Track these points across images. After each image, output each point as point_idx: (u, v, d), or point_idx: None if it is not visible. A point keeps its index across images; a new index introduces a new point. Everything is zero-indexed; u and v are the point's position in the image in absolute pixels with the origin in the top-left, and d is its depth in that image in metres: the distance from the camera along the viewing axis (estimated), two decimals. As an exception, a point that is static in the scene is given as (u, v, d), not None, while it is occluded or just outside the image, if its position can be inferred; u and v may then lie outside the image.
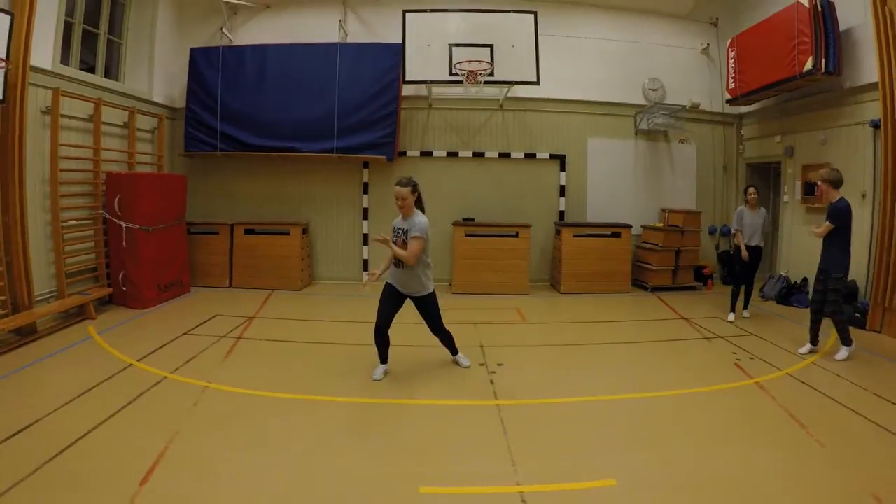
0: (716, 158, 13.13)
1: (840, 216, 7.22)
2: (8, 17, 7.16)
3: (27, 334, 7.91)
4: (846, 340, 7.34)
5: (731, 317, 9.55)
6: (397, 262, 6.29)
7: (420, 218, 6.21)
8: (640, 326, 9.30)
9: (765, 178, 12.69)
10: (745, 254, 9.38)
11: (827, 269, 7.37)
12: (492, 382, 6.46)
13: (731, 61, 11.93)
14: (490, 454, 4.75)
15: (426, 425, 5.36)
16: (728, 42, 12.06)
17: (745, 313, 9.66)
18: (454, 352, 7.05)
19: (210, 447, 4.80)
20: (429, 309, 6.55)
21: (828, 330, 8.07)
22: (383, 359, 6.59)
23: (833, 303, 7.30)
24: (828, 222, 7.28)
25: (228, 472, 4.41)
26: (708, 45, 12.92)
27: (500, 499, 4.08)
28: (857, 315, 8.90)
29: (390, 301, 6.42)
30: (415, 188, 6.27)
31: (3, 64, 6.93)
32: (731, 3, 12.74)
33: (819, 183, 8.37)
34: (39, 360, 6.97)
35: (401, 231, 6.29)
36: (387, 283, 6.47)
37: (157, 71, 11.76)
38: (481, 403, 5.87)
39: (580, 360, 7.52)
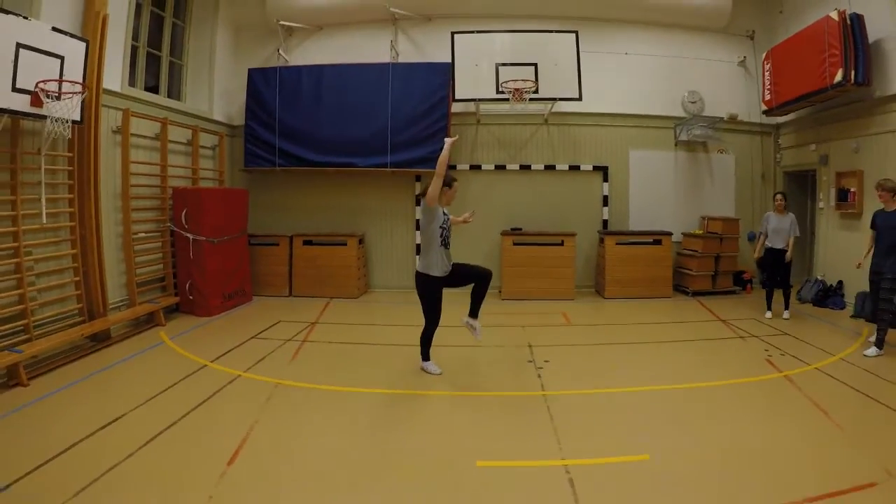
0: (754, 167, 13.22)
1: None
2: (83, 44, 7.61)
3: (102, 340, 8.29)
4: (881, 343, 7.61)
5: (769, 314, 9.95)
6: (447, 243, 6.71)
7: None
8: (679, 328, 9.52)
9: (801, 186, 12.76)
10: (756, 255, 10.14)
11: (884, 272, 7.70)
12: (539, 377, 6.83)
13: (767, 73, 12.07)
14: (538, 435, 5.19)
15: (481, 413, 5.77)
16: (764, 55, 12.18)
17: (786, 314, 9.89)
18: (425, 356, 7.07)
19: (287, 433, 5.24)
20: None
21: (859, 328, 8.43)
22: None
23: (886, 301, 7.60)
24: None
25: (305, 453, 4.85)
26: (745, 57, 13.03)
27: (547, 471, 4.53)
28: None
29: (440, 297, 6.74)
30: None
31: (81, 88, 7.44)
32: (766, 17, 12.85)
33: (880, 191, 8.66)
34: (119, 362, 7.40)
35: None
36: (437, 280, 6.59)
37: (217, 90, 12.25)
38: (530, 394, 6.27)
39: (621, 357, 7.85)
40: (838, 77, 9.80)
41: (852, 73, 9.72)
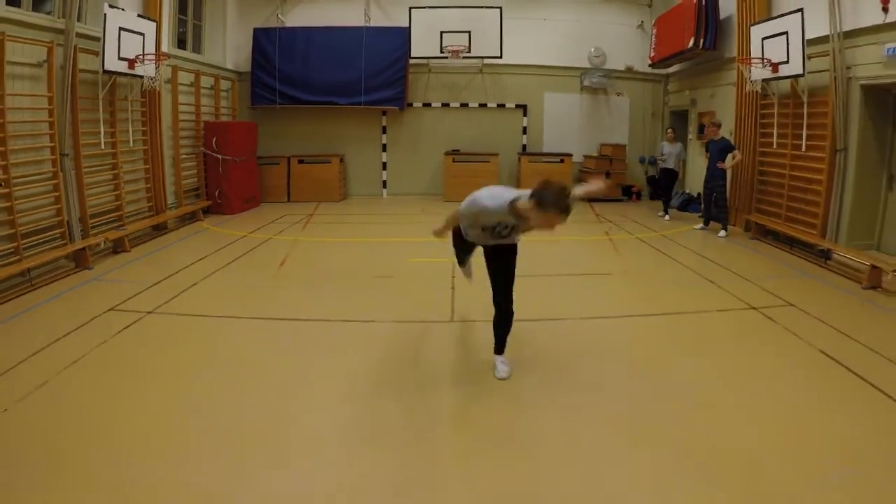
0: (645, 107, 16.65)
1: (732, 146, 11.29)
2: (153, 24, 10.81)
3: (160, 230, 11.44)
4: (725, 225, 11.31)
5: (663, 216, 13.27)
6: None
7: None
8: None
9: (682, 122, 15.96)
10: (649, 174, 13.82)
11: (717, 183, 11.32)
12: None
13: (653, 36, 15.29)
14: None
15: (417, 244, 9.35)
16: (653, 21, 15.66)
17: (667, 217, 13.14)
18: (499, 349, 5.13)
19: (309, 258, 9.31)
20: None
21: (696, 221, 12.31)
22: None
23: (722, 199, 11.34)
24: (736, 152, 11.28)
25: (319, 264, 8.66)
26: (643, 22, 16.23)
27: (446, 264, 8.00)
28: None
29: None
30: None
31: (159, 58, 10.76)
32: None
33: (708, 125, 12.26)
34: (181, 241, 10.75)
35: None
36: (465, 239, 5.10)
37: (228, 45, 15.29)
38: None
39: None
40: (690, 43, 13.07)
41: (701, 40, 12.91)
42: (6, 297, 7.08)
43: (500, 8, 14.91)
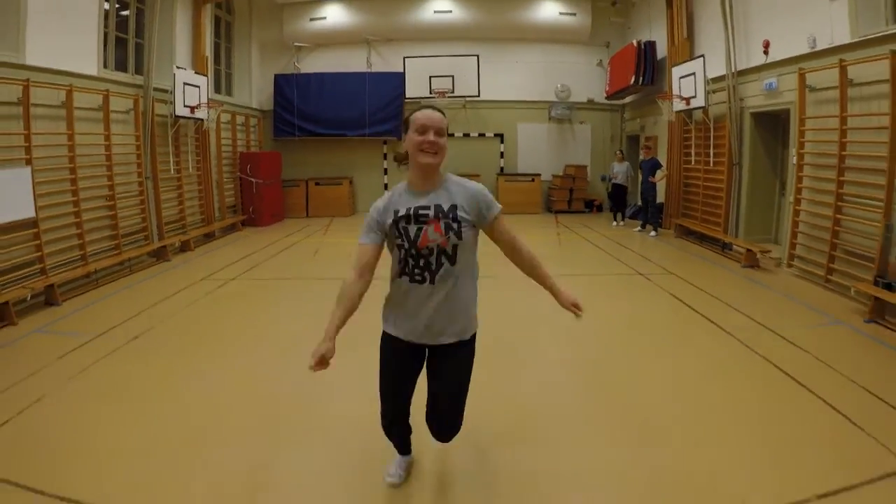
0: (605, 133, 19.28)
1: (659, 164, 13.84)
2: (204, 77, 13.63)
3: (209, 237, 14.01)
4: (657, 229, 13.80)
5: (615, 224, 15.70)
6: (422, 275, 3.10)
7: (470, 183, 3.25)
8: (530, 219, 16.16)
9: (636, 145, 18.26)
10: (608, 189, 16.08)
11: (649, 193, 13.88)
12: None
13: (608, 73, 18.08)
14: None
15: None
16: (608, 60, 18.47)
17: (617, 224, 15.52)
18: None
19: (333, 253, 11.55)
20: (465, 363, 3.29)
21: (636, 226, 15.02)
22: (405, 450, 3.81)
23: (654, 208, 13.84)
24: (663, 168, 13.82)
25: (346, 252, 11.19)
26: (601, 60, 18.82)
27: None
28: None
29: (405, 369, 3.32)
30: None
31: (208, 104, 13.57)
32: (617, 34, 18.50)
33: (642, 147, 14.91)
34: (230, 243, 13.35)
35: (440, 211, 3.07)
36: (391, 339, 3.30)
37: (254, 88, 18.05)
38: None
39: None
40: (632, 80, 15.69)
41: (641, 77, 15.51)
42: (113, 278, 9.83)
43: (478, 55, 17.73)
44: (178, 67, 12.20)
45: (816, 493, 3.61)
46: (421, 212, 3.08)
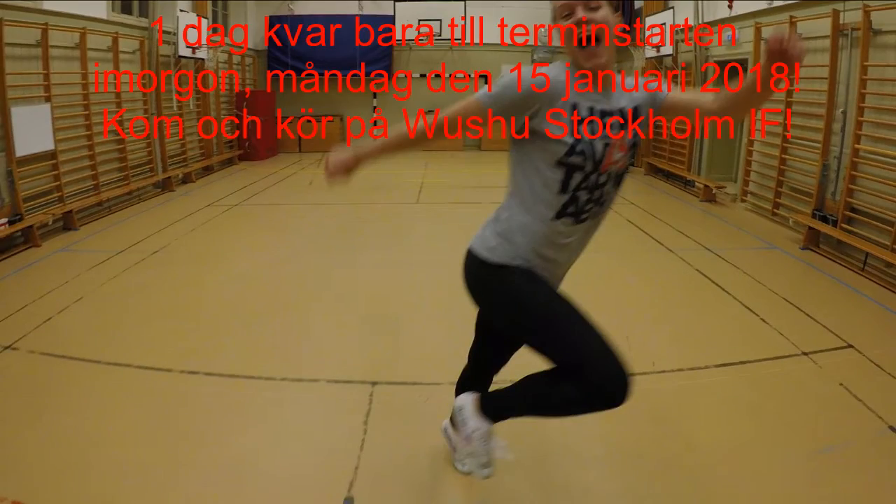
0: None
1: None
2: (206, 20, 14.23)
3: (208, 170, 14.62)
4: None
5: None
6: (591, 211, 2.25)
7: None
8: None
9: None
10: None
11: None
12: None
13: None
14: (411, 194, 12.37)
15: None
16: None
17: None
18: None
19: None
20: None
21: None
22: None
23: None
24: None
25: None
26: None
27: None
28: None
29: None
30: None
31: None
32: None
33: None
34: (230, 175, 14.08)
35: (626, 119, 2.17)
36: (528, 272, 2.26)
37: (249, 29, 18.36)
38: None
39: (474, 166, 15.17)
40: None
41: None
42: (123, 206, 10.61)
43: (465, 1, 18.24)
44: (181, 11, 12.72)
45: (715, 363, 4.57)
46: (612, 120, 2.11)
